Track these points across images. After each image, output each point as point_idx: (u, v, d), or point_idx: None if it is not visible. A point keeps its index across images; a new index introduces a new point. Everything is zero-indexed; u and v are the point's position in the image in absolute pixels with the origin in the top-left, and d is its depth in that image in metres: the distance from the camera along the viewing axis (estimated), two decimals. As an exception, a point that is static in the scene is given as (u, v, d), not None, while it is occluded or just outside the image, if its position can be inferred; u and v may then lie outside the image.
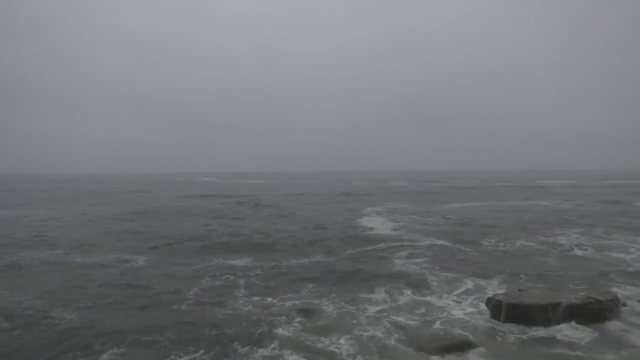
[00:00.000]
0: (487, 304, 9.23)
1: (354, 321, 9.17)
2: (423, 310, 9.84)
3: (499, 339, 8.09)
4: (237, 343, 8.08)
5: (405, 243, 17.88)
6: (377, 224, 24.43)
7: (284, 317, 9.31)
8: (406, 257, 15.34)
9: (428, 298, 10.72)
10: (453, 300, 10.50)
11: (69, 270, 13.72)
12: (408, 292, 11.19)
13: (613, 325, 8.46)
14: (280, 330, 8.64)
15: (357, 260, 15.01)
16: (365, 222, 25.30)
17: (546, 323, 8.42)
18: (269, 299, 10.67)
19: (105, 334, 8.43)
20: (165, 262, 14.89)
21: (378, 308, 10.02)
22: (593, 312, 8.53)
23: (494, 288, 11.34)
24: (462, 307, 9.98)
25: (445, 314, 9.56)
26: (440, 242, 18.20)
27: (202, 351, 7.78)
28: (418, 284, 11.82)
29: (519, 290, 9.93)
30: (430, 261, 14.59)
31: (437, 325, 8.92)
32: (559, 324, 8.40)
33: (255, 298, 10.78)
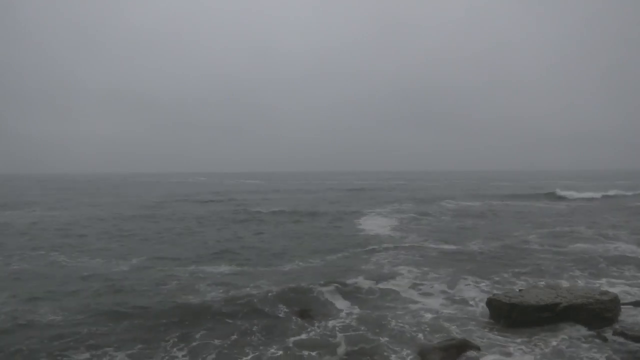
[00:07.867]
0: (487, 304, 9.20)
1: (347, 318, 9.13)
2: (422, 311, 9.78)
3: (499, 340, 8.05)
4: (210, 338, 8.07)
5: (398, 244, 17.66)
6: (371, 224, 24.41)
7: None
8: (400, 258, 15.16)
9: (427, 298, 10.68)
10: (452, 301, 10.46)
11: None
12: (404, 292, 11.14)
13: (613, 326, 8.40)
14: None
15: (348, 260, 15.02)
16: (362, 223, 25.26)
17: (546, 323, 8.38)
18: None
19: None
20: None
21: (371, 308, 9.98)
22: (593, 312, 8.49)
23: (493, 288, 11.30)
24: (462, 308, 9.94)
25: (444, 315, 9.51)
26: (436, 242, 18.15)
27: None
28: (414, 284, 11.76)
29: (519, 290, 9.91)
30: (426, 262, 14.48)
31: (435, 326, 8.87)
32: (559, 324, 8.35)
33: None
